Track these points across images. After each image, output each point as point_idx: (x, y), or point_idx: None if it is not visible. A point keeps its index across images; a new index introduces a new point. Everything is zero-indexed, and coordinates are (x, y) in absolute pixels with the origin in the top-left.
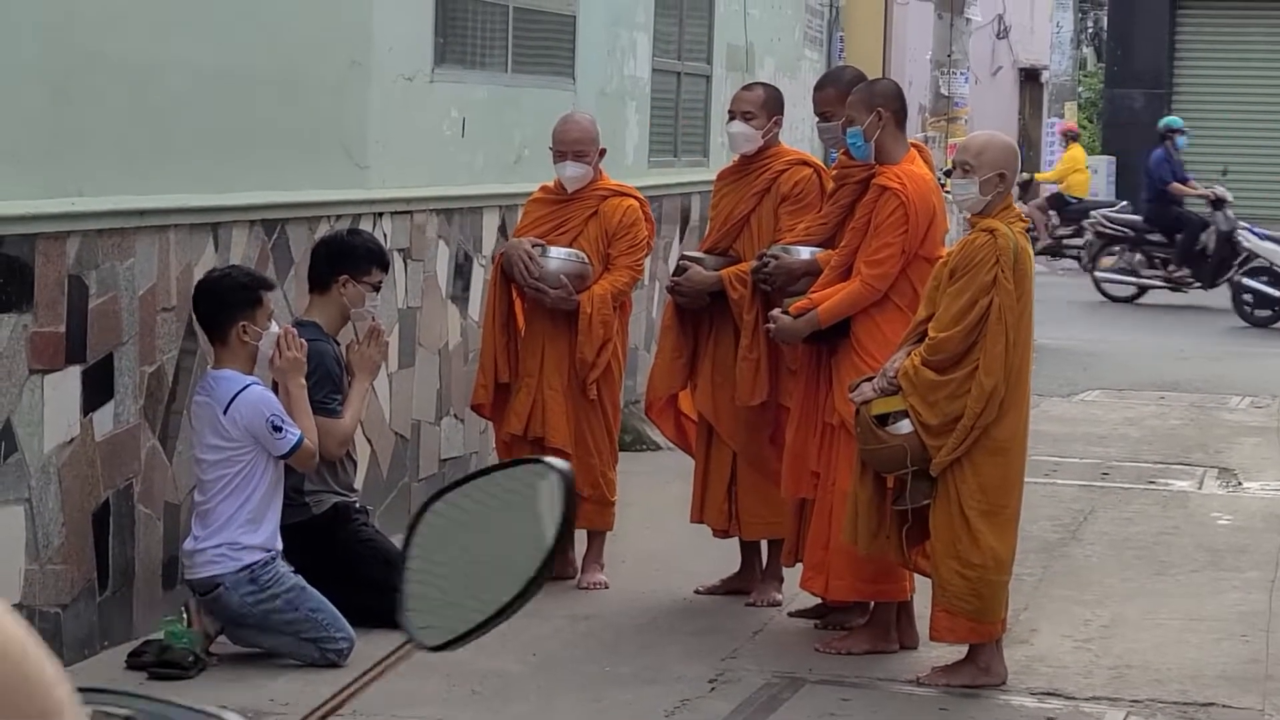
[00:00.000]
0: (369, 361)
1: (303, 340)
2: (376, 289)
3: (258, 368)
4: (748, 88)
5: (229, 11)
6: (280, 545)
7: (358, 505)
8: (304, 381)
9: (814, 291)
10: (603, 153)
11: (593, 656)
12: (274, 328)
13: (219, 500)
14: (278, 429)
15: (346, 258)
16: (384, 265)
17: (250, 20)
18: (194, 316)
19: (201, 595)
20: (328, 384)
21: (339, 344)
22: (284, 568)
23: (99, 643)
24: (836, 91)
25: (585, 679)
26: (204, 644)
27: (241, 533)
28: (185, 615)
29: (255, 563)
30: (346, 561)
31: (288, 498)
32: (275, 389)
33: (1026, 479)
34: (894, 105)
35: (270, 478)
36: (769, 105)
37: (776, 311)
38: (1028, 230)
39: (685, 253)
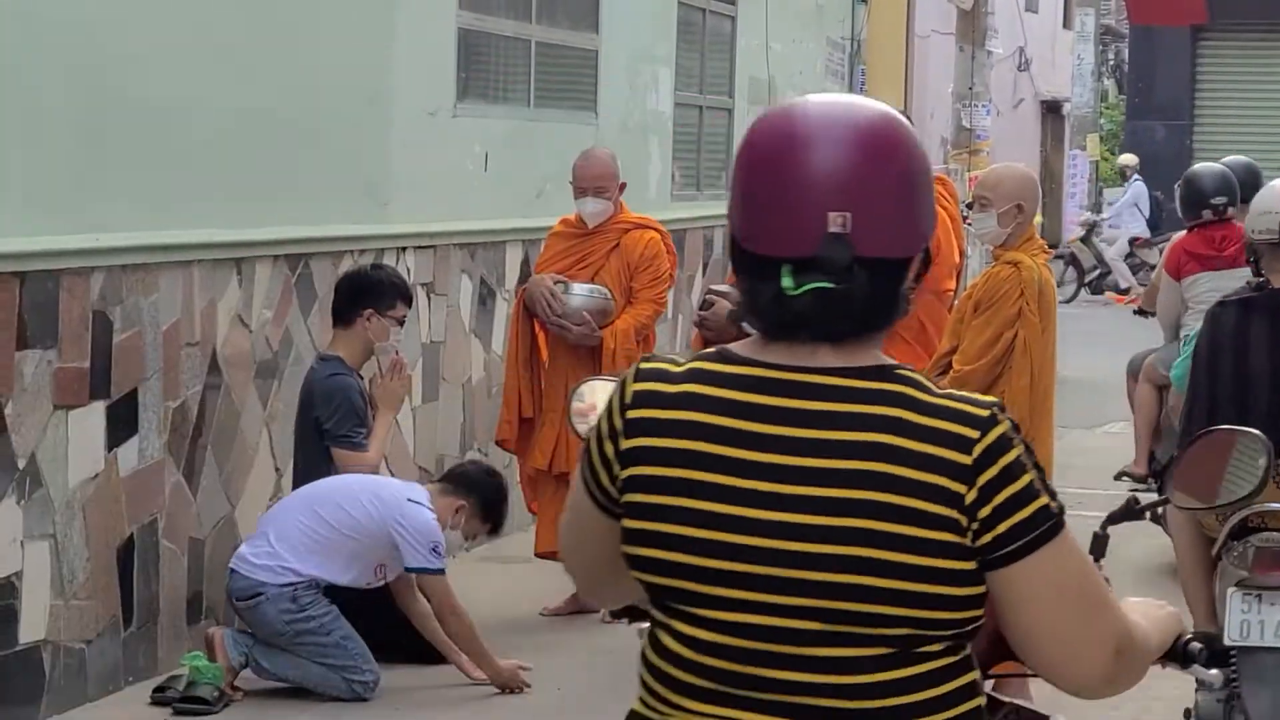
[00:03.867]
0: (392, 395)
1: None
2: (400, 323)
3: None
4: None
5: (252, 49)
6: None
7: None
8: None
9: None
10: (623, 186)
11: (619, 691)
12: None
13: (315, 520)
14: (437, 553)
15: (370, 292)
16: (407, 299)
17: (273, 58)
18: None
19: (240, 601)
20: (352, 418)
21: (362, 378)
22: (324, 599)
23: (124, 678)
24: None
25: (611, 713)
26: (228, 679)
27: (294, 561)
28: (208, 650)
29: (299, 583)
30: (371, 597)
31: None
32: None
33: None
34: None
35: (352, 554)
36: None
37: None
38: None
39: (712, 286)
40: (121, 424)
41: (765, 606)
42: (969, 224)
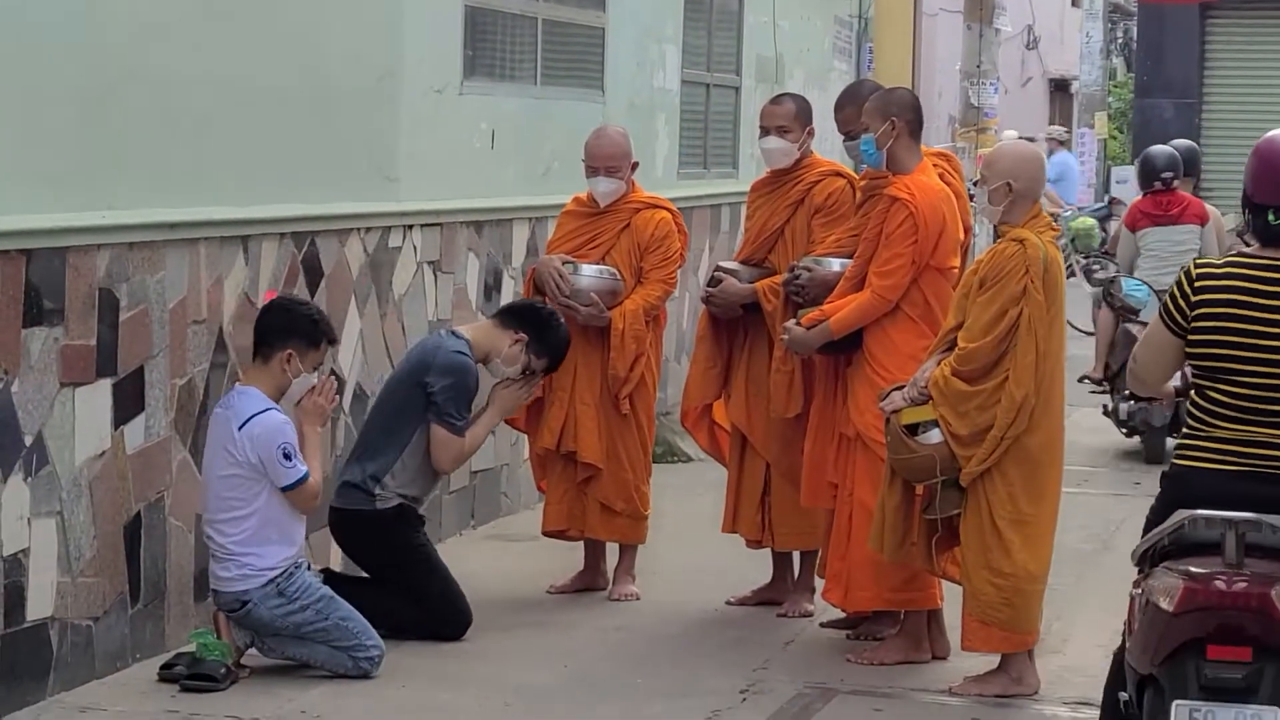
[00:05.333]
0: (510, 400)
1: (335, 395)
2: (525, 371)
3: (284, 401)
4: (776, 101)
5: (259, 27)
6: (301, 554)
7: (420, 513)
8: (319, 430)
9: (829, 302)
10: (635, 165)
11: (624, 668)
12: (313, 378)
13: (224, 521)
14: (288, 457)
15: (537, 327)
16: (554, 361)
17: (280, 35)
18: (255, 328)
19: (230, 613)
20: (462, 400)
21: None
22: (310, 576)
23: (131, 655)
24: (855, 110)
25: (617, 691)
26: (235, 656)
27: (251, 556)
28: (215, 627)
29: (278, 575)
30: (393, 562)
31: (361, 486)
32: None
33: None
34: (909, 115)
35: (273, 500)
36: (801, 117)
37: (790, 323)
38: None
39: (720, 263)
40: (128, 402)
41: (1264, 374)
42: (975, 202)
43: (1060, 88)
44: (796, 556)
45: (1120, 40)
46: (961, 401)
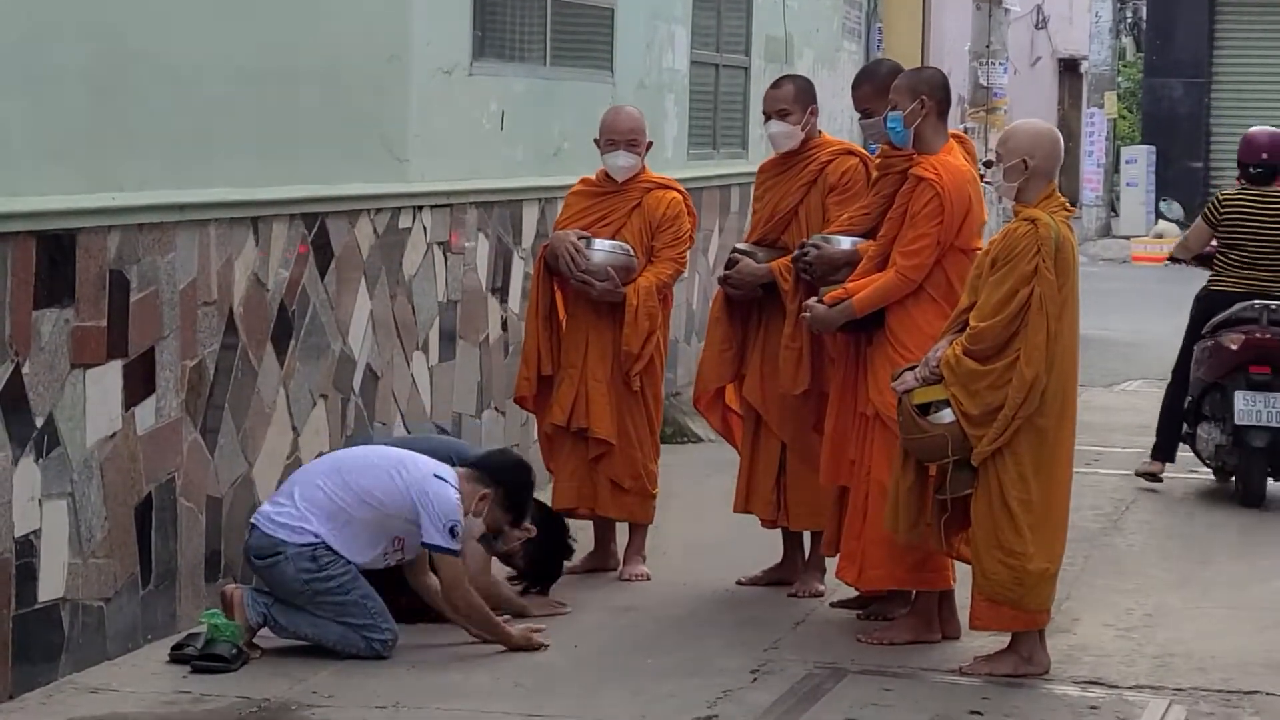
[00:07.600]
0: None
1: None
2: (515, 526)
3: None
4: (776, 85)
5: (269, 7)
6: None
7: None
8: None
9: (852, 281)
10: (649, 145)
11: (635, 648)
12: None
13: (329, 485)
14: (453, 534)
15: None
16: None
17: (290, 16)
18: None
19: (258, 559)
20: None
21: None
22: (343, 559)
23: (142, 636)
24: (873, 87)
25: (627, 671)
26: (246, 636)
27: (313, 520)
28: (226, 608)
29: (319, 545)
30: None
31: None
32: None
33: None
34: (938, 95)
35: (373, 524)
36: (801, 98)
37: (812, 300)
38: None
39: (737, 245)
40: (139, 383)
41: (1258, 243)
42: (987, 182)
43: (1069, 67)
44: (807, 536)
45: (1129, 20)
46: (973, 381)
